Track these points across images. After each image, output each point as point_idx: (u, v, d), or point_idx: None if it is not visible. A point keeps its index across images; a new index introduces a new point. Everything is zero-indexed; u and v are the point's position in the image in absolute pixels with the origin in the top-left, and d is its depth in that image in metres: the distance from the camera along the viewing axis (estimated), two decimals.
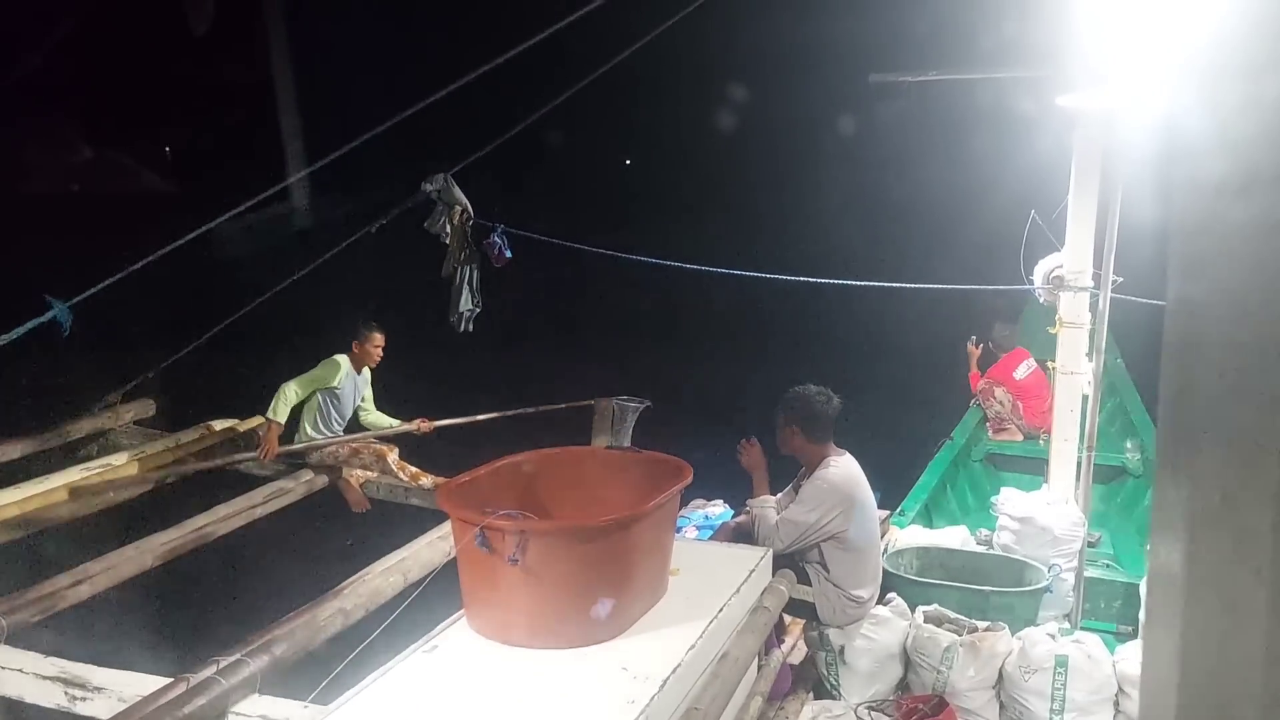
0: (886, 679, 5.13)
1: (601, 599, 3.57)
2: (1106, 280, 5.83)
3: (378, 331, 7.39)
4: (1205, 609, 0.85)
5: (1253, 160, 0.81)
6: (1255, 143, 0.82)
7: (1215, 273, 0.85)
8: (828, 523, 4.96)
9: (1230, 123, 0.84)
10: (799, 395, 5.15)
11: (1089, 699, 4.74)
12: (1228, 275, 0.84)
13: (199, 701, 3.62)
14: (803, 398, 5.13)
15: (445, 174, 7.67)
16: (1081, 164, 6.15)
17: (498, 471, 4.16)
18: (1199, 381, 0.87)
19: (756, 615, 4.15)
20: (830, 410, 5.12)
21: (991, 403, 9.36)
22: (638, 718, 3.04)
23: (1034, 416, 8.92)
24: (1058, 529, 6.02)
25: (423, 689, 3.28)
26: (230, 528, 6.28)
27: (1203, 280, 0.87)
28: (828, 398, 5.13)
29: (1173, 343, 0.90)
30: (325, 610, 4.52)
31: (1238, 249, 0.82)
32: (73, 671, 4.13)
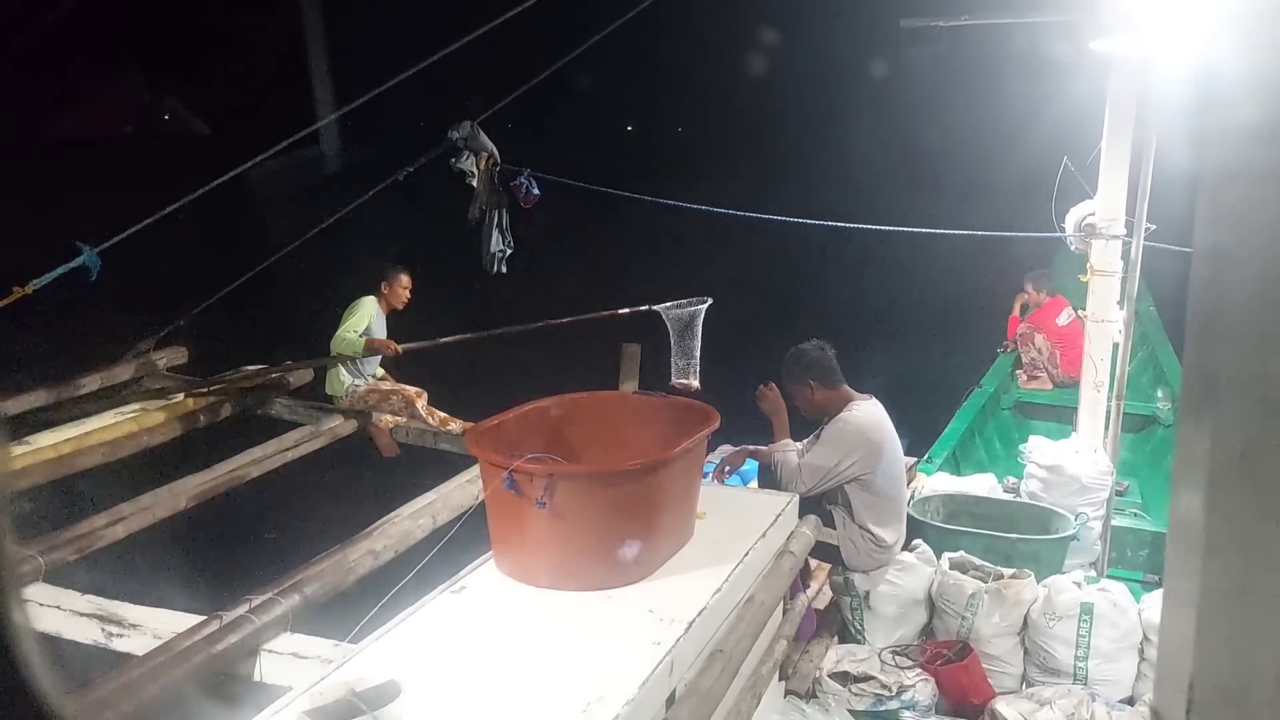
0: (911, 624, 5.16)
1: (628, 542, 3.60)
2: (1139, 228, 5.77)
3: (405, 272, 7.39)
4: (1225, 559, 0.85)
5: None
6: None
7: (1245, 220, 0.84)
8: (849, 465, 4.96)
9: (1266, 68, 0.83)
10: (800, 353, 5.18)
11: (1113, 646, 4.75)
12: (1258, 223, 0.83)
13: (232, 639, 3.68)
14: (805, 353, 5.16)
15: (472, 121, 7.64)
16: (1116, 110, 6.06)
17: (525, 416, 4.18)
18: (1224, 330, 0.86)
19: (782, 559, 4.18)
20: (831, 354, 5.16)
21: (1030, 349, 9.31)
22: (663, 659, 3.07)
23: (1071, 365, 8.86)
24: (1086, 477, 6.01)
25: (450, 629, 3.32)
26: (261, 470, 6.35)
27: (1231, 228, 0.86)
28: (821, 347, 5.18)
29: (1199, 291, 0.89)
30: (355, 551, 4.58)
31: (1267, 196, 0.81)
32: (108, 609, 4.21)
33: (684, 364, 5.51)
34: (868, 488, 5.01)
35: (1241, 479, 0.84)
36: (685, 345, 5.62)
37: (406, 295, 7.40)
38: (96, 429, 6.18)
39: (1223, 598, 0.85)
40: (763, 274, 16.15)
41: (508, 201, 7.86)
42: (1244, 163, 0.84)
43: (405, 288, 7.38)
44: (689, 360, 5.51)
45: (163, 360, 7.45)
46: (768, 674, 4.15)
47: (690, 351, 5.60)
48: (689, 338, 5.69)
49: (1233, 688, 0.85)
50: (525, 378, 7.45)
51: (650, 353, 6.21)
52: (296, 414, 7.33)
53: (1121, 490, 6.87)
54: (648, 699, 2.93)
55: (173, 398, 6.83)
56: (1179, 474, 0.93)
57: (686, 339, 5.67)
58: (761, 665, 4.08)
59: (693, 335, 5.70)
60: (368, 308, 7.22)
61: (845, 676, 4.71)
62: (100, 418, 6.37)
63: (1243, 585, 0.84)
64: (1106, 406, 6.29)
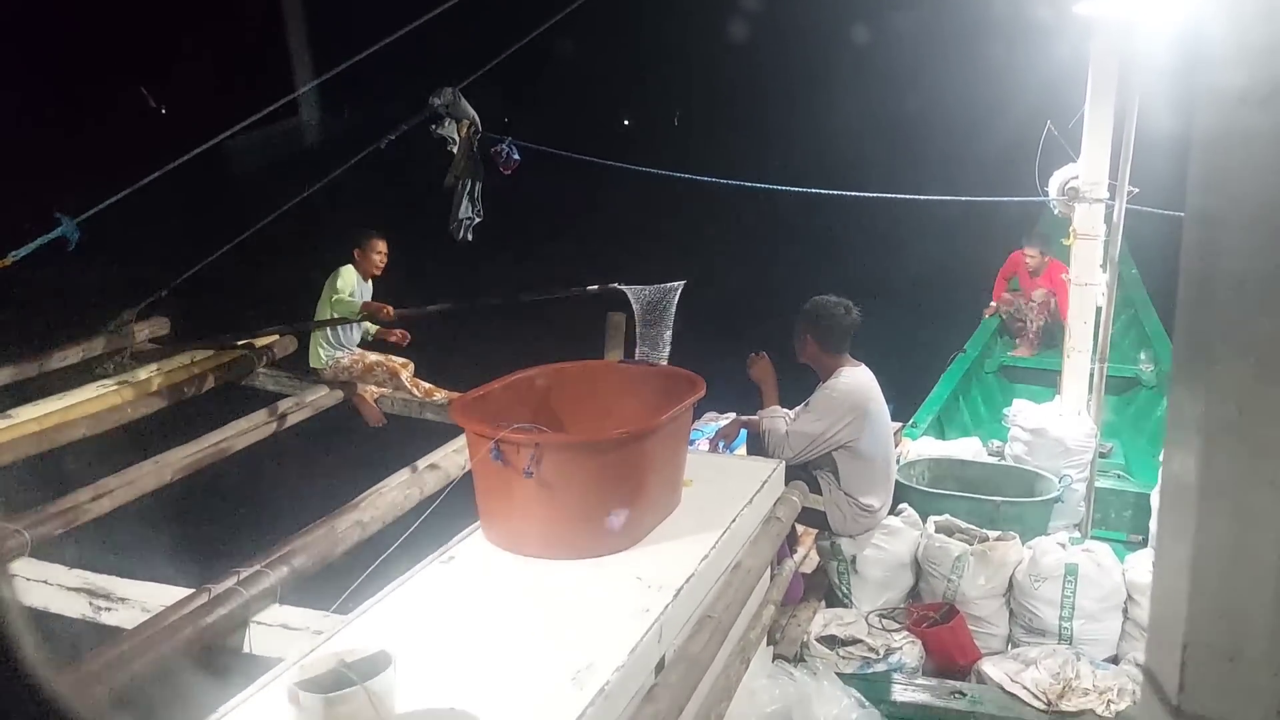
0: (897, 587, 5.20)
1: (615, 510, 3.61)
2: (1122, 191, 5.78)
3: (378, 238, 7.35)
4: (1218, 519, 0.86)
5: (1275, 69, 0.80)
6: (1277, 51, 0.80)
7: (1235, 183, 0.84)
8: (836, 432, 4.98)
9: (1253, 31, 0.82)
10: (818, 304, 5.14)
11: (1098, 606, 4.79)
12: (1248, 186, 0.83)
13: (221, 611, 3.68)
14: (822, 306, 5.12)
15: (453, 88, 7.58)
16: (1099, 73, 6.05)
17: (511, 386, 4.17)
18: (1217, 292, 0.86)
19: (769, 525, 4.19)
20: (848, 322, 5.10)
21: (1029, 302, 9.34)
22: (652, 625, 3.08)
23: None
24: (1069, 440, 6.04)
25: (440, 599, 3.33)
26: (247, 443, 6.34)
27: (1223, 191, 0.86)
28: (846, 309, 5.12)
29: (1191, 253, 0.89)
30: (343, 522, 4.58)
31: (1258, 159, 0.81)
32: (96, 583, 4.21)
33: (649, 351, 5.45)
34: (855, 454, 5.03)
35: (1235, 441, 0.84)
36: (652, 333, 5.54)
37: (382, 260, 7.37)
38: (79, 402, 6.15)
39: (1216, 559, 0.86)
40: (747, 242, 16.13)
41: (484, 171, 7.79)
42: (1234, 126, 0.84)
43: (380, 253, 7.35)
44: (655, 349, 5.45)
45: (145, 332, 7.41)
46: (756, 639, 4.17)
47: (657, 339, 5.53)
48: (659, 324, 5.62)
49: (1226, 647, 0.86)
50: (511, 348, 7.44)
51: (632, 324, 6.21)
52: (281, 385, 7.32)
53: (1105, 452, 6.92)
54: (637, 665, 2.94)
55: (156, 369, 6.80)
56: (1172, 437, 0.93)
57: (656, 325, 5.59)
58: (749, 630, 4.10)
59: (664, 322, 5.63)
60: (349, 275, 7.21)
61: (833, 640, 4.75)
62: (82, 390, 6.34)
63: (1236, 546, 0.85)
64: (1090, 369, 6.32)
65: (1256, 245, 0.82)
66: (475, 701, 2.66)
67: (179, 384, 6.72)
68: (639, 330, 5.52)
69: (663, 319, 5.50)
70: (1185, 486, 0.87)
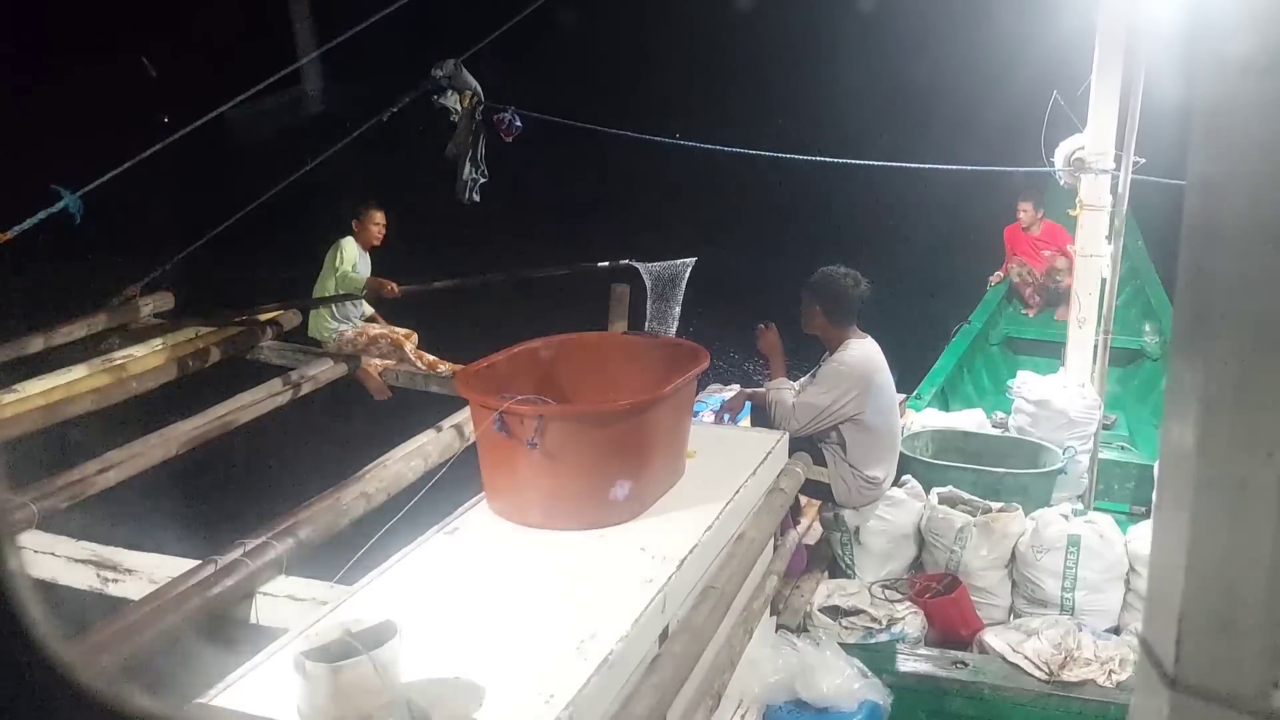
0: (901, 559, 5.21)
1: (619, 481, 3.62)
2: (1128, 161, 5.75)
3: (376, 209, 7.32)
4: (1216, 491, 0.86)
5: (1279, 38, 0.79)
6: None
7: (1237, 153, 0.84)
8: (843, 405, 4.98)
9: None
10: (826, 275, 5.13)
11: (1100, 578, 4.81)
12: (1250, 156, 0.82)
13: (227, 582, 3.70)
14: (830, 277, 5.11)
15: (455, 60, 7.55)
16: (1105, 42, 6.00)
17: (515, 357, 4.17)
18: (1217, 263, 0.86)
19: (773, 497, 4.20)
20: (856, 293, 5.10)
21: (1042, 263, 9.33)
22: (655, 596, 3.10)
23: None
24: (1073, 412, 6.04)
25: (444, 569, 3.35)
26: (252, 415, 6.34)
27: (1224, 161, 0.86)
28: (855, 280, 5.11)
29: (1192, 224, 0.89)
30: (348, 494, 4.59)
31: (1260, 129, 0.81)
32: (104, 554, 4.23)
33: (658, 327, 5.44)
34: (860, 425, 5.03)
35: (1234, 411, 0.84)
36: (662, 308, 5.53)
37: (380, 232, 7.34)
38: (84, 376, 6.16)
39: (1213, 530, 0.86)
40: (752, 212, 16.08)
41: (486, 134, 7.75)
42: (1236, 95, 0.84)
43: (378, 224, 7.32)
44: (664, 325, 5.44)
45: (149, 306, 7.41)
46: (759, 609, 4.19)
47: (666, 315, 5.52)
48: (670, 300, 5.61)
49: (1223, 618, 0.86)
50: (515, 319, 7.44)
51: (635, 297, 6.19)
52: (286, 358, 7.32)
53: (1109, 424, 6.92)
54: (641, 635, 2.96)
55: (161, 344, 6.80)
56: (1171, 407, 0.93)
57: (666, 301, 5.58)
58: (753, 601, 4.12)
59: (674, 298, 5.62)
60: (350, 248, 7.18)
61: (836, 611, 4.77)
62: (88, 365, 6.35)
63: (1233, 517, 0.85)
64: (1094, 341, 6.31)
65: (1257, 215, 0.82)
66: (479, 671, 2.68)
67: (184, 358, 6.72)
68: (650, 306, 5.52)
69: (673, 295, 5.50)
70: (1183, 457, 0.87)
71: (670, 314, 5.46)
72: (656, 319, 5.47)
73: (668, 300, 5.51)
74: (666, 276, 5.49)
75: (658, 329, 5.31)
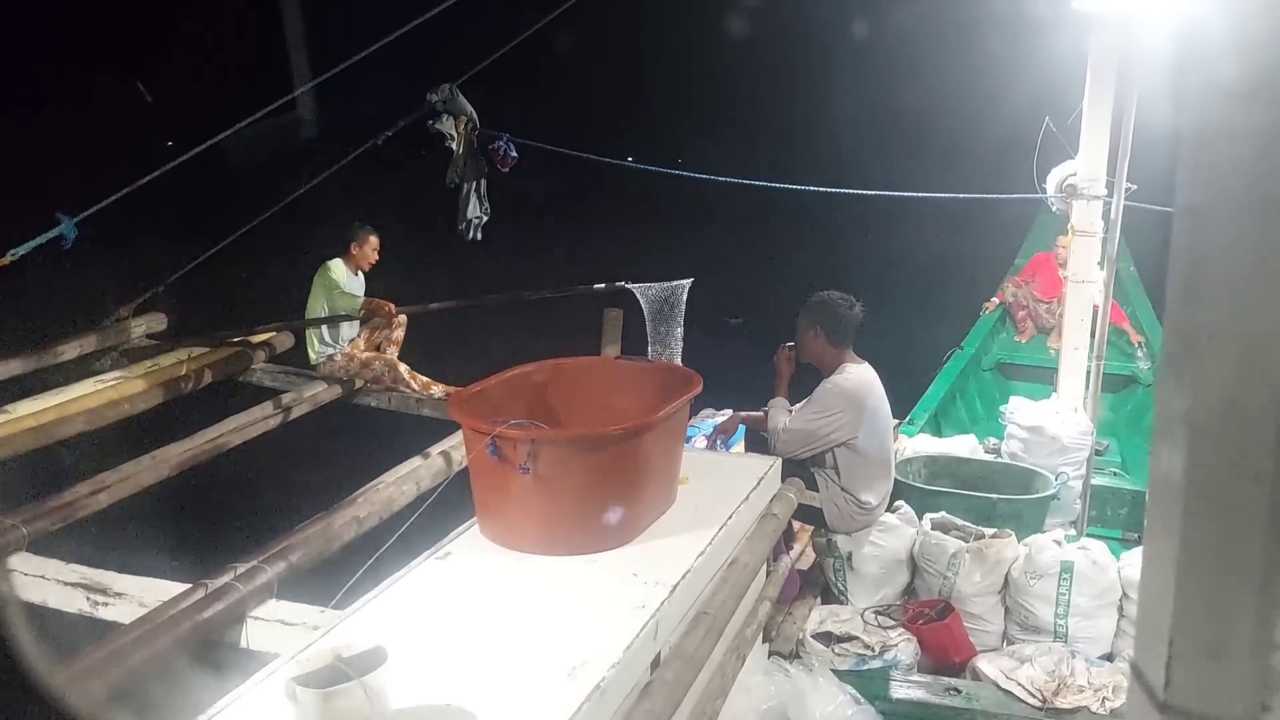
0: (893, 584, 5.20)
1: (612, 507, 3.61)
2: (1120, 188, 5.78)
3: (373, 234, 7.35)
4: (1205, 516, 0.86)
5: (1265, 63, 0.80)
6: (1270, 45, 0.80)
7: (1224, 179, 0.84)
8: (835, 429, 4.98)
9: (1247, 25, 0.82)
10: (822, 299, 5.16)
11: (1093, 604, 4.80)
12: (1236, 182, 0.83)
13: (218, 606, 3.69)
14: (826, 301, 5.14)
15: (450, 84, 7.59)
16: (1097, 69, 6.05)
17: (508, 381, 4.17)
18: (1205, 288, 0.86)
19: (765, 522, 4.20)
20: (851, 316, 5.12)
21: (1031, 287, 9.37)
22: (648, 622, 3.08)
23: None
24: (1066, 437, 6.05)
25: (436, 595, 3.33)
26: (245, 438, 6.34)
27: (1211, 187, 0.86)
28: (850, 303, 5.13)
29: (1180, 249, 0.89)
30: (340, 518, 4.58)
31: (1246, 155, 0.82)
32: (94, 578, 4.22)
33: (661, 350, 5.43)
34: (854, 450, 5.04)
35: (1222, 437, 0.84)
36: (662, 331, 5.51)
37: (375, 256, 7.38)
38: (76, 397, 6.16)
39: (1202, 555, 0.86)
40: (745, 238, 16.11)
41: (486, 167, 7.80)
42: (1223, 121, 0.84)
43: (374, 249, 7.36)
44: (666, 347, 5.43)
45: (141, 327, 7.41)
46: (751, 636, 4.18)
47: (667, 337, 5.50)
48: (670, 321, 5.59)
49: (1211, 643, 0.86)
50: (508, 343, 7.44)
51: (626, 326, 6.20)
52: (278, 381, 7.32)
53: (1101, 450, 6.93)
54: (633, 662, 2.95)
55: (153, 365, 6.80)
56: (1159, 432, 0.93)
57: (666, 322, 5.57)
58: (745, 627, 4.10)
59: (674, 319, 5.61)
60: (339, 270, 7.20)
61: (828, 637, 4.75)
62: (80, 385, 6.35)
63: (1222, 542, 0.85)
64: (1086, 367, 6.33)
65: (1243, 241, 0.82)
66: (471, 697, 2.67)
67: (176, 379, 6.72)
68: (649, 329, 5.52)
69: (673, 316, 5.50)
70: (1172, 482, 0.88)
71: (672, 335, 5.46)
72: (657, 341, 5.47)
73: (668, 322, 5.51)
74: (662, 298, 5.49)
75: (660, 352, 5.32)
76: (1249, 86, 0.81)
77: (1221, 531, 0.85)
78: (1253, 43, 0.81)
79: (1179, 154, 0.90)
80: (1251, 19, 0.82)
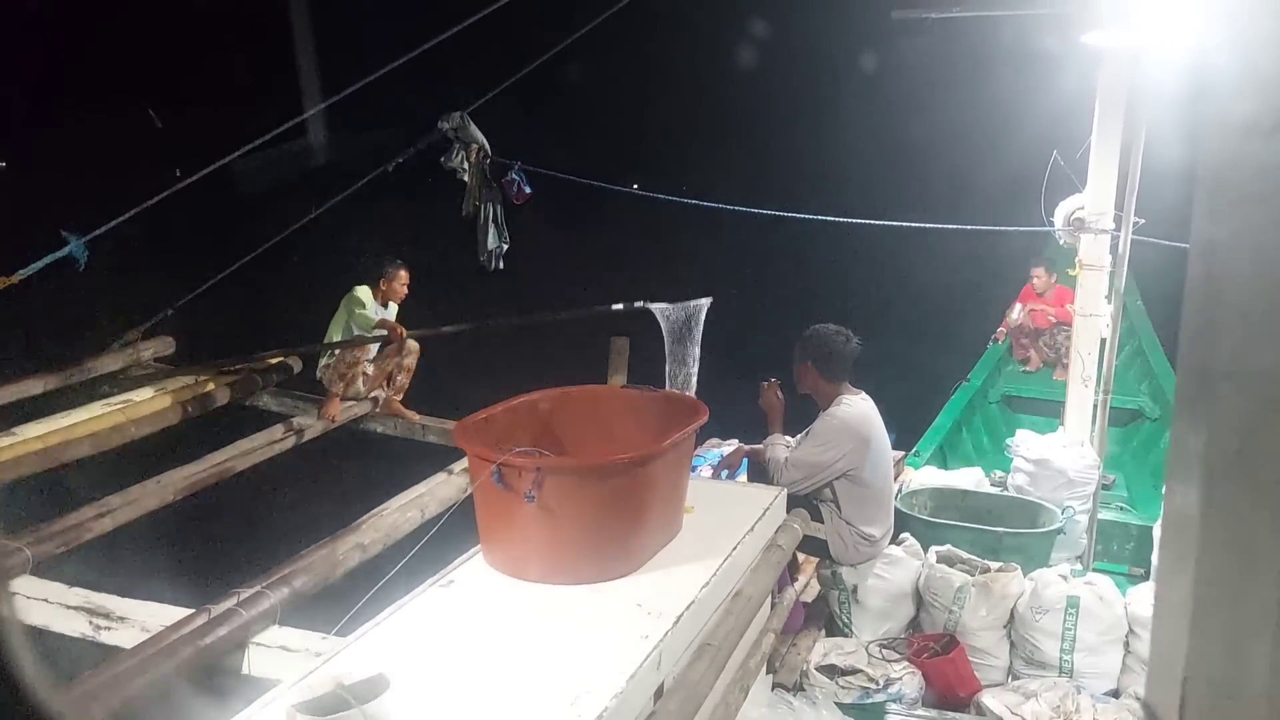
0: (898, 617, 5.17)
1: (617, 536, 3.60)
2: (1128, 222, 5.78)
3: (403, 269, 7.31)
4: (1220, 555, 0.85)
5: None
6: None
7: (1240, 214, 0.84)
8: (837, 461, 4.97)
9: (1261, 61, 0.82)
10: (817, 333, 5.15)
11: (1099, 639, 4.76)
12: (1253, 217, 0.82)
13: (220, 632, 3.68)
14: (821, 335, 5.13)
15: (462, 112, 7.62)
16: (1106, 103, 6.07)
17: (514, 409, 4.17)
18: (1220, 324, 0.86)
19: (770, 553, 4.18)
20: (847, 350, 5.11)
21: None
22: (651, 653, 3.07)
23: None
24: (1072, 471, 6.03)
25: (439, 622, 3.32)
26: (250, 463, 6.33)
27: (1227, 222, 0.86)
28: (846, 337, 5.12)
29: (1195, 284, 0.89)
30: (344, 545, 4.57)
31: (1263, 190, 0.81)
32: (97, 601, 4.20)
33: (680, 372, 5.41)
34: (856, 482, 5.02)
35: (1237, 475, 0.83)
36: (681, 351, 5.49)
37: (404, 290, 7.32)
38: (83, 420, 6.15)
39: (1217, 593, 0.85)
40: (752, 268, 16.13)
41: (501, 197, 7.84)
42: (1239, 157, 0.84)
43: (403, 283, 7.30)
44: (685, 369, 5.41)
45: (150, 351, 7.42)
46: (755, 667, 4.15)
47: (686, 358, 5.49)
48: (688, 342, 5.57)
49: (1226, 682, 0.85)
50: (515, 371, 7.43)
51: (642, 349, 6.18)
52: (285, 406, 7.31)
53: (1108, 484, 6.91)
54: (636, 692, 2.93)
55: (160, 389, 6.80)
56: (1174, 469, 0.92)
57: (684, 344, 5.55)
58: (749, 658, 4.08)
59: (691, 339, 5.59)
60: (365, 297, 7.12)
61: (832, 669, 4.72)
62: (87, 409, 6.34)
63: (1237, 581, 0.84)
64: (1093, 400, 6.31)
65: (1260, 278, 0.82)
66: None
67: (183, 403, 6.72)
68: (668, 347, 5.51)
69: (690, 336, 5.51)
70: (1187, 520, 0.87)
71: (689, 355, 5.45)
72: (675, 360, 5.46)
73: (685, 342, 5.51)
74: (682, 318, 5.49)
75: (677, 371, 5.30)
76: (1269, 123, 0.80)
77: (1237, 569, 0.84)
78: (1268, 78, 0.81)
79: (1194, 189, 0.89)
80: (1264, 55, 0.82)
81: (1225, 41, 0.86)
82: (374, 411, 7.42)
